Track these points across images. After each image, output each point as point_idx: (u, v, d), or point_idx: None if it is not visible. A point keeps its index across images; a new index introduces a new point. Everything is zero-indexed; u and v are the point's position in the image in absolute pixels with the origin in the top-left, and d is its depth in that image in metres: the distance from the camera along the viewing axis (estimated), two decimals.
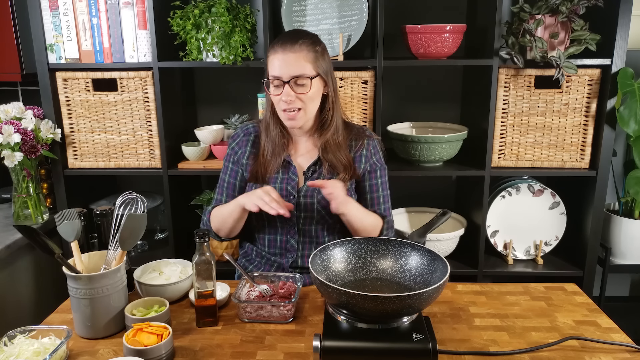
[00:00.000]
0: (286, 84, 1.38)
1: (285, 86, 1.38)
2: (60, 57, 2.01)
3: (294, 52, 1.37)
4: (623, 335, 1.20)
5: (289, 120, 1.43)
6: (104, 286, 1.17)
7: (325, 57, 1.44)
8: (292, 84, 1.38)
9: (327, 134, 1.48)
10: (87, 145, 2.09)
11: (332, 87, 1.47)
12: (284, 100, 1.39)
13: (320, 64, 1.41)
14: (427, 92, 2.35)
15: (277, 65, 1.38)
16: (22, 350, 1.07)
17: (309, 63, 1.39)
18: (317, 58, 1.41)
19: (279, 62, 1.38)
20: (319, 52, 1.42)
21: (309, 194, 1.48)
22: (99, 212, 1.35)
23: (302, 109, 1.41)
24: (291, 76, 1.37)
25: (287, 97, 1.38)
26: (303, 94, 1.39)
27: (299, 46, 1.38)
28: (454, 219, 2.24)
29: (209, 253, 1.21)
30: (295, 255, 1.52)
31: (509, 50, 1.88)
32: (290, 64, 1.37)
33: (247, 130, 1.56)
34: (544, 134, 2.01)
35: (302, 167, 1.51)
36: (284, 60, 1.37)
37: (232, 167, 1.55)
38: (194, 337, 1.20)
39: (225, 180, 1.56)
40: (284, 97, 1.38)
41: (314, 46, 1.41)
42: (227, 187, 1.55)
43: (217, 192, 1.58)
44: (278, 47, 1.39)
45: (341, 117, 1.52)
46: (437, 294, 1.08)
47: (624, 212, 2.20)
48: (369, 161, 1.53)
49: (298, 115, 1.41)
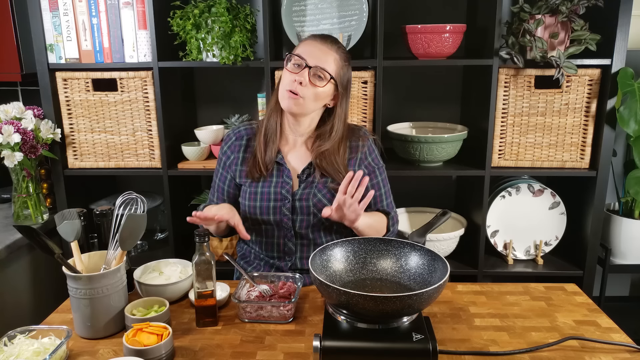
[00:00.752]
0: (308, 68, 1.39)
1: (306, 69, 1.39)
2: (60, 57, 2.01)
3: (329, 48, 1.42)
4: (623, 335, 1.20)
5: (288, 98, 1.41)
6: (103, 286, 1.17)
7: (349, 74, 1.48)
8: (312, 72, 1.39)
9: (324, 147, 1.47)
10: (87, 145, 2.09)
11: (345, 104, 1.49)
12: (296, 80, 1.39)
13: (342, 75, 1.45)
14: (427, 92, 2.35)
15: (309, 49, 1.41)
16: (22, 350, 1.07)
17: (335, 66, 1.42)
18: (343, 68, 1.45)
19: (312, 48, 1.41)
20: (346, 66, 1.46)
21: (304, 197, 1.47)
22: (99, 212, 1.35)
23: (305, 98, 1.40)
24: (317, 64, 1.39)
25: (301, 79, 1.38)
26: (315, 87, 1.40)
27: (336, 47, 1.44)
28: (454, 219, 2.24)
29: (209, 253, 1.21)
30: (293, 258, 1.52)
31: (509, 50, 1.88)
32: (322, 55, 1.40)
33: (239, 134, 1.54)
34: (544, 134, 2.01)
35: (296, 170, 1.50)
36: (318, 48, 1.41)
37: (222, 172, 1.56)
38: (194, 337, 1.20)
39: (216, 183, 1.58)
40: (299, 77, 1.39)
41: (346, 58, 1.46)
42: (219, 191, 1.57)
43: (210, 192, 1.61)
44: (318, 37, 1.45)
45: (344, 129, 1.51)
46: (437, 294, 1.08)
47: (624, 212, 2.20)
48: (363, 163, 1.52)
49: (298, 101, 1.41)
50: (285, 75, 1.42)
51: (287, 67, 1.42)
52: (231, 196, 1.56)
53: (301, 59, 1.39)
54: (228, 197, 1.56)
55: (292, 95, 1.40)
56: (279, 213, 1.47)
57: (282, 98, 1.43)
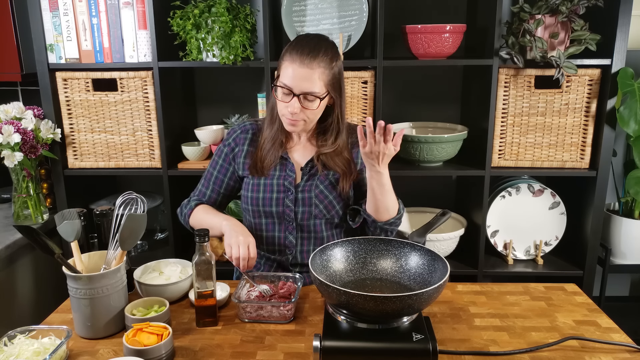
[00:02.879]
0: (295, 96, 1.37)
1: (294, 98, 1.38)
2: (60, 57, 2.01)
3: (311, 69, 1.35)
4: (623, 335, 1.20)
5: (289, 125, 1.43)
6: (104, 286, 1.17)
7: (340, 74, 1.44)
8: (302, 97, 1.37)
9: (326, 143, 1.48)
10: (87, 145, 2.09)
11: (340, 102, 1.46)
12: (289, 111, 1.39)
13: (333, 83, 1.41)
14: (427, 92, 2.35)
15: (291, 75, 1.37)
16: (22, 350, 1.07)
17: (323, 82, 1.38)
18: (333, 76, 1.40)
19: (293, 74, 1.36)
20: (335, 70, 1.41)
21: (307, 189, 1.48)
22: (99, 212, 1.35)
23: (305, 121, 1.42)
24: (302, 91, 1.37)
25: (293, 109, 1.38)
26: (309, 110, 1.40)
27: (317, 63, 1.36)
28: (454, 219, 2.24)
29: (209, 253, 1.21)
30: (294, 251, 1.52)
31: (509, 50, 1.88)
32: (305, 79, 1.36)
33: (244, 128, 1.55)
34: (544, 134, 2.01)
35: (299, 163, 1.51)
36: (300, 73, 1.36)
37: (222, 164, 1.55)
38: (194, 337, 1.20)
39: (213, 175, 1.56)
40: (290, 109, 1.38)
41: (332, 63, 1.39)
42: (215, 183, 1.56)
43: (202, 183, 1.58)
44: (296, 56, 1.36)
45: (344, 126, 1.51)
46: (437, 294, 1.08)
47: (624, 212, 2.20)
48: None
49: (299, 124, 1.42)
50: (278, 103, 1.42)
51: (277, 96, 1.41)
52: (229, 189, 1.56)
53: (287, 88, 1.38)
54: (226, 190, 1.56)
55: (292, 122, 1.41)
56: (282, 204, 1.47)
57: (285, 124, 1.44)
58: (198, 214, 1.52)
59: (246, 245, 1.33)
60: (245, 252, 1.32)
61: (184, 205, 1.58)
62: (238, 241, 1.33)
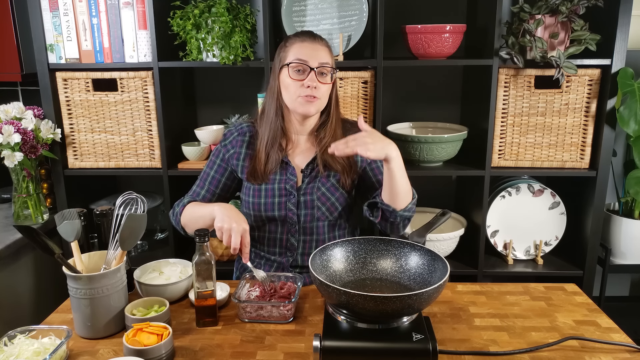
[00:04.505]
0: (312, 70, 1.40)
1: (311, 72, 1.40)
2: (60, 57, 2.01)
3: (319, 43, 1.45)
4: (623, 335, 1.20)
5: (306, 103, 1.42)
6: (104, 286, 1.17)
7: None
8: (318, 71, 1.41)
9: (326, 136, 1.48)
10: (87, 145, 2.09)
11: (335, 90, 1.51)
12: (308, 86, 1.40)
13: (333, 67, 1.47)
14: (427, 92, 2.35)
15: (305, 51, 1.42)
16: (22, 350, 1.07)
17: (330, 56, 1.46)
18: (333, 61, 1.48)
19: (307, 49, 1.43)
20: (332, 57, 1.50)
21: (309, 192, 1.48)
22: (99, 212, 1.35)
23: (321, 98, 1.44)
24: (320, 63, 1.41)
25: (312, 82, 1.40)
26: (324, 84, 1.43)
27: (324, 42, 1.48)
28: (454, 219, 2.24)
29: (209, 253, 1.21)
30: (295, 254, 1.52)
31: (509, 50, 1.88)
32: (319, 51, 1.43)
33: (241, 130, 1.55)
34: (544, 134, 2.01)
35: (299, 166, 1.51)
36: (313, 48, 1.43)
37: (220, 164, 1.54)
38: (194, 337, 1.20)
39: (209, 175, 1.55)
40: (309, 82, 1.40)
41: (330, 50, 1.50)
42: (211, 183, 1.55)
43: (197, 184, 1.57)
44: (305, 36, 1.46)
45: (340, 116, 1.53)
46: (437, 294, 1.08)
47: (624, 212, 2.20)
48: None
49: (316, 101, 1.43)
50: (290, 84, 1.42)
51: (291, 75, 1.42)
52: (226, 189, 1.56)
53: (303, 63, 1.41)
54: (222, 190, 1.55)
55: (311, 99, 1.41)
56: (284, 208, 1.47)
57: (298, 105, 1.43)
58: (188, 209, 1.49)
59: (239, 233, 1.28)
60: (237, 241, 1.28)
61: (177, 204, 1.55)
62: (231, 228, 1.28)
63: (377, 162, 1.53)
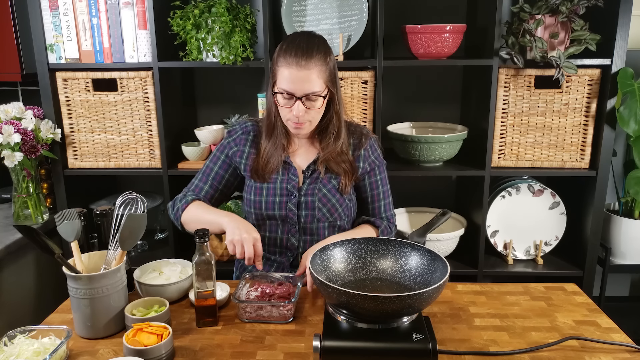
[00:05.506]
0: (298, 100, 1.36)
1: (297, 102, 1.37)
2: (60, 57, 2.01)
3: (309, 70, 1.34)
4: (623, 335, 1.20)
5: (295, 129, 1.43)
6: (104, 286, 1.17)
7: (335, 67, 1.43)
8: (304, 99, 1.37)
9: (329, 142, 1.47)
10: (87, 145, 2.09)
11: (337, 95, 1.45)
12: (294, 115, 1.38)
13: (332, 79, 1.41)
14: (427, 92, 2.35)
15: (289, 80, 1.35)
16: (22, 350, 1.07)
17: (322, 80, 1.37)
18: (329, 72, 1.39)
19: (292, 78, 1.35)
20: (330, 65, 1.39)
21: (310, 193, 1.48)
22: (99, 212, 1.35)
23: (310, 121, 1.42)
24: (305, 93, 1.36)
25: (298, 112, 1.37)
26: (313, 109, 1.39)
27: (313, 63, 1.34)
28: (454, 219, 2.24)
29: (209, 253, 1.21)
30: (295, 253, 1.52)
31: (509, 50, 1.88)
32: (304, 80, 1.34)
33: (245, 128, 1.55)
34: (544, 134, 2.01)
35: (300, 166, 1.51)
36: (298, 77, 1.34)
37: (225, 160, 1.54)
38: (194, 337, 1.20)
39: (212, 170, 1.54)
40: (295, 112, 1.37)
41: (326, 59, 1.38)
42: (214, 178, 1.54)
43: (199, 178, 1.55)
44: (292, 59, 1.34)
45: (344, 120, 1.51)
46: (437, 294, 1.08)
47: (624, 212, 2.20)
48: (367, 160, 1.53)
49: (305, 126, 1.42)
50: (281, 109, 1.41)
51: (278, 103, 1.40)
52: (229, 185, 1.56)
53: (288, 93, 1.36)
54: (224, 187, 1.55)
55: (297, 125, 1.41)
56: (285, 208, 1.47)
57: (290, 127, 1.44)
58: (193, 209, 1.48)
59: (252, 243, 1.30)
60: (251, 251, 1.30)
61: (178, 199, 1.53)
62: (242, 239, 1.30)
63: (374, 176, 1.55)
